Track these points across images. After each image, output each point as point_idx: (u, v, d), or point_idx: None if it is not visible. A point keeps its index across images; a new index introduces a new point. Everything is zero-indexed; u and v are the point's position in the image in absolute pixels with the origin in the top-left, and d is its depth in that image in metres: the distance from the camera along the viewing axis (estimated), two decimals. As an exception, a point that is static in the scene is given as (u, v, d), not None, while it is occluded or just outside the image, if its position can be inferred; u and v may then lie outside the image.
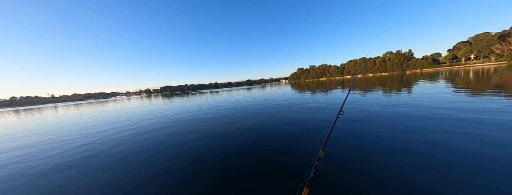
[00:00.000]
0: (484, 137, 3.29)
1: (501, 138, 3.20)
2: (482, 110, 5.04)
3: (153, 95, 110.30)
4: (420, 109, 5.75)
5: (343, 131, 4.37)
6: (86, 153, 4.54)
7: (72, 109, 27.63)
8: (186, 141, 4.81)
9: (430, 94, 8.49)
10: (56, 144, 5.78)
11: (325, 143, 1.42)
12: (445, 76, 21.08)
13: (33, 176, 3.41)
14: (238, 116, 7.81)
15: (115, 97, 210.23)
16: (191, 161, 3.49)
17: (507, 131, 3.48)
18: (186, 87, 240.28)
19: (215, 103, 14.54)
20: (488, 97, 6.65)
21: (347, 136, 4.02)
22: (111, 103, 34.92)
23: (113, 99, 78.47)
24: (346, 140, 3.79)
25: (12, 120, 16.54)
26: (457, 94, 7.98)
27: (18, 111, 38.40)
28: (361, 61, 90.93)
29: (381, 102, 7.85)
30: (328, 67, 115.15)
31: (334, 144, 3.60)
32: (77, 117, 14.11)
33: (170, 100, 25.20)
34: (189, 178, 2.85)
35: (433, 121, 4.50)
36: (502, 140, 3.12)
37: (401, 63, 73.53)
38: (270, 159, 3.28)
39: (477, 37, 57.22)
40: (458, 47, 63.73)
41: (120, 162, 3.75)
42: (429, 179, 2.28)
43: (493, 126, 3.78)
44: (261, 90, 30.35)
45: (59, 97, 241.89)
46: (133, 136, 5.90)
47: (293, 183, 2.44)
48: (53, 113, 20.62)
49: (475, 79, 14.09)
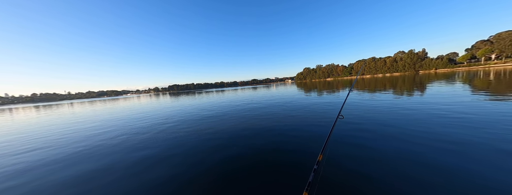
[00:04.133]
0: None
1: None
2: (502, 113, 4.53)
3: (161, 93, 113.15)
4: (425, 112, 5.30)
5: (344, 133, 4.22)
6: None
7: (104, 105, 28.71)
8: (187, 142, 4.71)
9: (443, 96, 7.88)
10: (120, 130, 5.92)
11: (324, 147, 1.41)
12: (462, 77, 19.77)
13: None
14: (242, 117, 7.65)
15: (126, 95, 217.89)
16: (188, 165, 3.37)
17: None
18: (193, 86, 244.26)
19: (219, 104, 14.52)
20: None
21: (348, 139, 3.89)
22: (123, 101, 35.97)
23: (124, 97, 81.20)
24: (347, 142, 3.67)
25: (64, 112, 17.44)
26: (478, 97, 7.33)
27: (50, 106, 40.54)
28: (371, 60, 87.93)
29: (389, 103, 7.38)
30: (336, 67, 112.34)
31: (334, 146, 3.48)
32: (128, 110, 15.09)
33: (177, 99, 25.55)
34: (186, 179, 2.80)
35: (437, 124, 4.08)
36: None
37: (414, 63, 70.23)
38: (270, 162, 3.17)
39: (500, 35, 53.39)
40: (478, 46, 59.82)
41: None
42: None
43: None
44: (266, 90, 30.11)
45: (74, 94, 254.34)
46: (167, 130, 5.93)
47: (292, 187, 2.39)
48: (101, 107, 21.54)
49: (496, 80, 13.03)
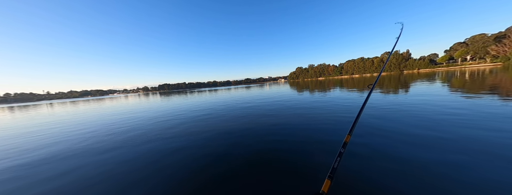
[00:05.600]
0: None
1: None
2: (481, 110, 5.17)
3: (151, 93, 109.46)
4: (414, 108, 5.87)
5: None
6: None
7: (94, 104, 27.26)
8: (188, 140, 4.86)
9: (428, 94, 8.65)
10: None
11: (353, 127, 1.25)
12: (441, 76, 21.37)
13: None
14: (239, 116, 7.85)
15: (112, 94, 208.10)
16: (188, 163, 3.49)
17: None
18: (185, 85, 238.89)
19: (214, 103, 14.53)
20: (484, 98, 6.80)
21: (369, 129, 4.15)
22: (109, 101, 34.52)
23: (110, 97, 77.63)
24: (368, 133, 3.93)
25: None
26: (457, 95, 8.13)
27: (26, 107, 37.77)
28: (360, 61, 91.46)
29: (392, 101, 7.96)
30: (327, 66, 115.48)
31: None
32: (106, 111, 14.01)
33: (168, 98, 25.04)
34: (186, 177, 2.87)
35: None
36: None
37: (399, 63, 74.18)
38: (282, 156, 3.28)
39: (474, 38, 57.98)
40: (455, 48, 64.50)
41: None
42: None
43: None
44: (260, 89, 30.38)
45: (54, 94, 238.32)
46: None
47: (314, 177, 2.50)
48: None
49: (470, 80, 14.33)
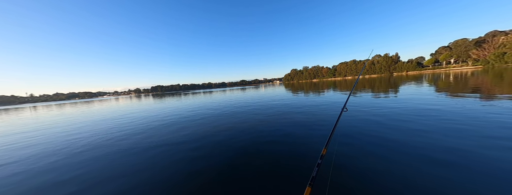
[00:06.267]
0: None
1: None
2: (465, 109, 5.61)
3: (144, 95, 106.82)
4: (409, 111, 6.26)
5: (346, 129, 4.55)
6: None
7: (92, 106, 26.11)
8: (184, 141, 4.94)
9: (418, 94, 9.18)
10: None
11: (328, 141, 1.41)
12: (428, 78, 22.52)
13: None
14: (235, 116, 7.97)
15: (102, 96, 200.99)
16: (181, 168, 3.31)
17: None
18: (179, 87, 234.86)
19: (205, 106, 14.53)
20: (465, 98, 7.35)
21: (349, 134, 4.19)
22: (99, 103, 33.42)
23: (100, 99, 74.97)
24: (350, 138, 3.93)
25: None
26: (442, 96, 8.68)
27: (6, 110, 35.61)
28: (352, 63, 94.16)
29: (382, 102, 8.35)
30: (321, 68, 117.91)
31: (339, 143, 3.63)
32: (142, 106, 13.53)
33: (161, 100, 24.67)
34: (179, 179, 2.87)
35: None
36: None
37: (389, 66, 77.10)
38: (271, 159, 3.29)
39: (456, 42, 61.35)
40: (440, 52, 67.88)
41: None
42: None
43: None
44: (255, 91, 30.61)
45: (39, 97, 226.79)
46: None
47: (296, 183, 2.48)
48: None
49: (454, 82, 15.26)
